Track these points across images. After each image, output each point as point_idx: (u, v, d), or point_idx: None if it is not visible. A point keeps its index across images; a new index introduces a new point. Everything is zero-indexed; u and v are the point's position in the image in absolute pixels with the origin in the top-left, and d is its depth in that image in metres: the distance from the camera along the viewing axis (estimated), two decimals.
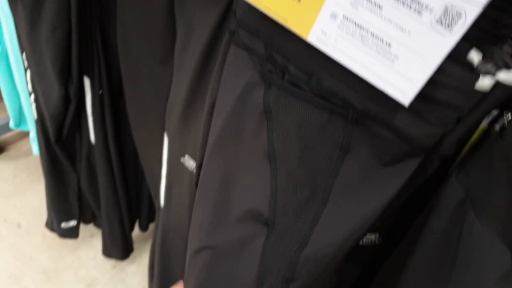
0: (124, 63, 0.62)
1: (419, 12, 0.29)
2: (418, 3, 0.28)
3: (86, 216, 1.06)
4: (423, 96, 0.27)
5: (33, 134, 0.98)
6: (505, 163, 0.27)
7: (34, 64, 0.68)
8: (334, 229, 0.30)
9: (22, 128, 1.05)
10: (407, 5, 0.29)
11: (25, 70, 0.74)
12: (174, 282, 0.78)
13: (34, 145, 1.00)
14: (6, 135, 1.52)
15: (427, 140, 0.29)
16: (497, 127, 0.29)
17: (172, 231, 0.71)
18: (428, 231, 0.37)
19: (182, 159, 0.60)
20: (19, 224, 1.27)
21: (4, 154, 1.49)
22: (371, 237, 0.44)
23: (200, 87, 0.51)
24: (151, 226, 1.15)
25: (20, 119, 1.03)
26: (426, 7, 0.28)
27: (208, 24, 0.44)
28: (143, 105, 0.63)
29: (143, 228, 1.11)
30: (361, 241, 0.45)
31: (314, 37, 0.29)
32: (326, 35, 0.28)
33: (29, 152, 1.53)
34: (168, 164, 0.63)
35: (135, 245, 1.10)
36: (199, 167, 0.41)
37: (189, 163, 0.58)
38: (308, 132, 0.32)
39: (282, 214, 0.32)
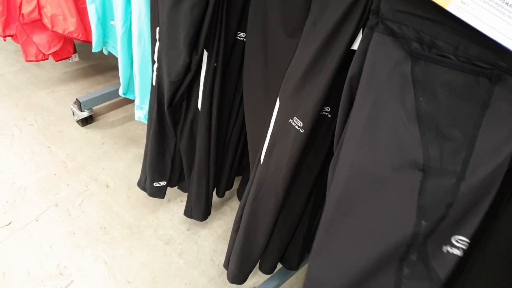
0: (252, 36, 0.75)
1: None
2: None
3: (172, 180, 1.21)
4: None
5: (138, 102, 1.14)
6: None
7: (167, 36, 0.82)
8: (484, 166, 0.38)
9: (128, 96, 1.22)
10: None
11: (155, 42, 0.89)
12: (258, 233, 0.90)
13: (138, 111, 1.16)
14: (96, 107, 1.71)
15: None
16: None
17: (265, 186, 0.83)
18: None
19: (290, 120, 0.71)
20: (107, 184, 1.45)
21: (94, 124, 1.69)
22: None
23: (321, 59, 0.62)
24: (226, 193, 1.29)
25: (128, 88, 1.20)
26: None
27: (340, 6, 0.56)
28: (262, 72, 0.75)
29: (221, 194, 1.25)
30: None
31: (454, 7, 0.39)
32: (465, 4, 0.38)
33: (115, 123, 1.72)
34: (275, 124, 0.75)
35: None
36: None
37: (297, 123, 0.70)
38: (454, 93, 0.41)
39: (435, 160, 0.40)
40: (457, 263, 0.38)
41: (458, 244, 0.39)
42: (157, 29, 0.86)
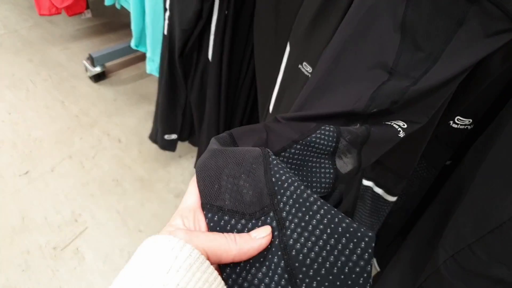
0: None
1: None
2: None
3: (183, 133, 1.23)
4: None
5: (150, 54, 1.14)
6: None
7: None
8: (436, 76, 0.42)
9: (139, 49, 1.22)
10: None
11: None
12: None
13: (149, 63, 1.16)
14: (109, 64, 1.72)
15: None
16: None
17: None
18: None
19: (299, 66, 0.71)
20: (119, 139, 1.48)
21: (107, 80, 1.71)
22: (465, 122, 0.54)
23: (331, 2, 0.61)
24: None
25: (140, 40, 1.20)
26: None
27: None
28: (273, 17, 0.75)
29: None
30: (456, 124, 0.55)
31: None
32: None
33: (127, 80, 1.73)
34: (285, 70, 0.74)
35: None
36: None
37: (306, 68, 0.70)
38: (436, 8, 0.43)
39: (402, 65, 0.43)
40: (390, 133, 0.46)
41: (393, 123, 0.46)
42: None
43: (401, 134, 0.46)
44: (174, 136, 1.20)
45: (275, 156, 0.37)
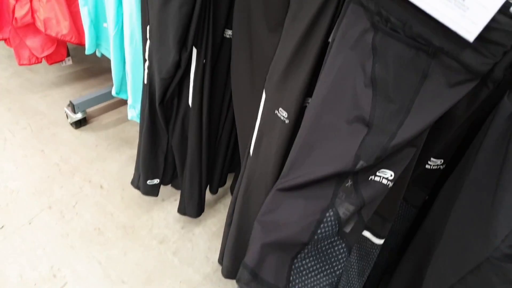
0: (238, 31, 0.77)
1: None
2: None
3: (165, 177, 1.22)
4: (480, 36, 0.41)
5: (131, 101, 1.16)
6: None
7: (157, 35, 0.84)
8: (411, 129, 0.45)
9: (121, 96, 1.23)
10: None
11: (145, 41, 0.91)
12: (250, 226, 0.91)
13: (131, 110, 1.17)
14: (90, 109, 1.72)
15: (483, 68, 0.43)
16: None
17: (256, 178, 0.84)
18: (482, 146, 0.48)
19: (276, 111, 0.73)
20: (101, 185, 1.46)
21: (87, 126, 1.70)
22: (437, 162, 0.57)
23: (301, 52, 0.64)
24: (219, 191, 1.30)
25: (121, 88, 1.21)
26: None
27: (316, 2, 0.58)
28: (248, 66, 0.77)
29: (214, 191, 1.26)
30: (429, 165, 0.57)
31: None
32: None
33: (108, 124, 1.73)
34: (262, 116, 0.76)
35: None
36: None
37: (282, 114, 0.72)
38: (401, 63, 0.47)
39: (378, 118, 0.46)
40: (380, 189, 0.49)
41: (380, 174, 0.50)
42: (148, 27, 0.88)
43: (390, 185, 0.48)
44: (156, 181, 1.19)
45: (291, 261, 0.43)
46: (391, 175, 0.49)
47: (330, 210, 0.45)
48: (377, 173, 0.49)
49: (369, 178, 0.49)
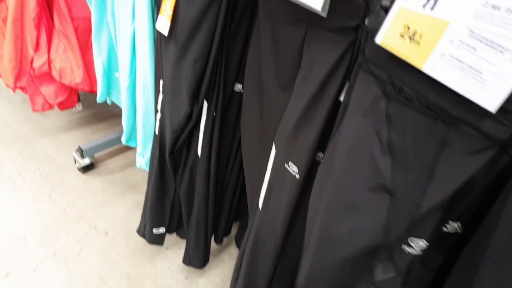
0: (249, 87, 0.80)
1: (501, 52, 0.43)
2: (501, 46, 0.43)
3: (171, 226, 1.22)
4: (500, 107, 0.41)
5: (140, 149, 1.18)
6: None
7: (171, 89, 0.88)
8: (437, 196, 0.44)
9: (130, 144, 1.25)
10: (493, 47, 0.43)
11: (158, 93, 0.94)
12: (258, 281, 0.90)
13: (139, 158, 1.19)
14: (97, 154, 1.75)
15: (503, 136, 0.43)
16: None
17: (264, 232, 0.84)
18: (501, 220, 0.48)
19: (286, 166, 0.74)
20: (106, 232, 1.45)
21: (95, 170, 1.72)
22: (454, 226, 0.56)
23: (312, 110, 0.66)
24: (224, 240, 1.29)
25: (131, 136, 1.24)
26: (506, 48, 0.42)
27: (328, 62, 0.61)
28: (258, 121, 0.80)
29: (219, 241, 1.25)
30: (446, 229, 0.56)
31: (427, 68, 0.44)
32: (436, 67, 0.43)
33: (115, 169, 1.75)
34: (272, 170, 0.78)
35: None
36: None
37: (292, 168, 0.73)
38: (418, 131, 0.46)
39: (401, 186, 0.46)
40: (414, 258, 0.48)
41: (413, 244, 0.49)
42: (161, 81, 0.92)
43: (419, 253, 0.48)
44: (162, 230, 1.19)
45: None
46: (426, 245, 0.48)
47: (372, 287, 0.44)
48: (408, 241, 0.49)
49: (403, 248, 0.48)
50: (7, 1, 1.47)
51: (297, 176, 0.72)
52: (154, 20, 0.99)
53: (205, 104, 0.91)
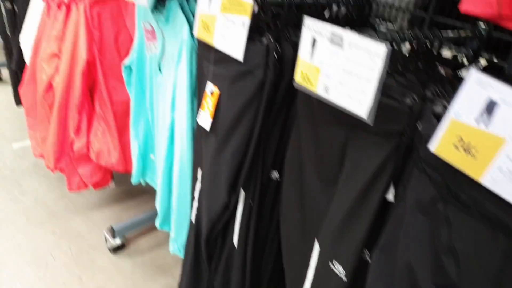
0: (289, 180, 0.80)
1: None
2: None
3: None
4: None
5: (173, 235, 1.17)
6: None
7: (209, 179, 0.89)
8: None
9: (164, 229, 1.25)
10: None
11: (195, 180, 0.95)
12: None
13: (173, 244, 1.18)
14: (128, 234, 1.75)
15: None
16: None
17: None
18: None
19: (330, 263, 0.71)
20: None
21: (125, 251, 1.70)
22: None
23: (358, 208, 0.65)
24: None
25: (165, 220, 1.24)
26: None
27: (372, 164, 0.61)
28: (299, 215, 0.78)
29: None
30: None
31: (486, 181, 0.43)
32: (495, 181, 0.42)
33: (145, 250, 1.73)
34: (316, 270, 0.74)
35: None
36: None
37: (338, 268, 0.70)
38: (478, 240, 0.44)
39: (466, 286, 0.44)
40: None
41: None
42: (199, 169, 0.94)
43: None
44: None
45: None
46: None
47: None
48: None
49: None
50: (55, 89, 1.59)
51: (344, 279, 0.69)
52: (193, 110, 1.04)
53: (242, 193, 0.91)
